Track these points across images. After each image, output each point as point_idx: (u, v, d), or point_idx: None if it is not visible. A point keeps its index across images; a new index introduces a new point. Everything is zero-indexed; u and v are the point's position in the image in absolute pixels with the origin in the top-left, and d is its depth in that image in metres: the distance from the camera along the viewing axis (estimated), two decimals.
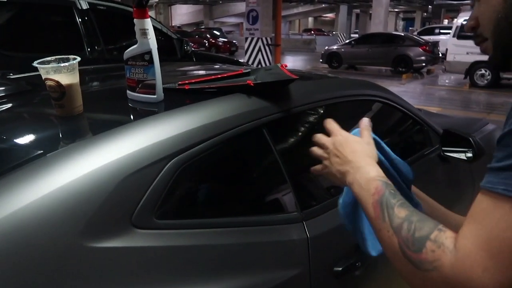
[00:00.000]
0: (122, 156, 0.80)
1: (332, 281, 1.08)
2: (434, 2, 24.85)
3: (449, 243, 0.46)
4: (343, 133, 0.74)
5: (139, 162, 0.81)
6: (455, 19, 10.05)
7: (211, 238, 0.89)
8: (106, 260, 0.74)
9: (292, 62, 16.30)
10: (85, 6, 3.21)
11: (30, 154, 0.76)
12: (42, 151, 0.77)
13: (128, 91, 1.12)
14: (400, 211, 0.54)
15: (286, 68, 1.26)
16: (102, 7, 3.40)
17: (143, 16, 1.01)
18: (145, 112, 1.04)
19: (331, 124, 0.76)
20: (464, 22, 9.24)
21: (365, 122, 0.77)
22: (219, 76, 1.23)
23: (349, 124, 1.53)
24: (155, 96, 1.07)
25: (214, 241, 0.89)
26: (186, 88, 1.17)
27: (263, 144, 1.09)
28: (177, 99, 1.11)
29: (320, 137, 0.76)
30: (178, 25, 31.49)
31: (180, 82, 1.20)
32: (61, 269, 0.70)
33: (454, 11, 26.28)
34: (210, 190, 1.01)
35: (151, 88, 1.07)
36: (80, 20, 3.14)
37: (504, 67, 0.60)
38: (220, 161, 1.02)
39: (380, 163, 0.70)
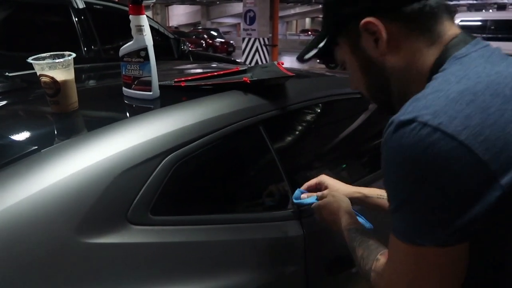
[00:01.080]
0: (118, 152, 0.80)
1: (328, 278, 1.08)
2: None
3: (381, 270, 0.66)
4: (325, 200, 0.96)
5: (134, 158, 0.81)
6: None
7: (206, 235, 0.89)
8: (102, 256, 0.74)
9: (290, 62, 16.14)
10: (81, 5, 3.20)
11: (25, 150, 0.75)
12: (36, 147, 0.76)
13: (124, 88, 1.11)
14: (358, 251, 0.76)
15: (283, 65, 1.26)
16: (98, 7, 3.39)
17: (139, 12, 1.01)
18: (140, 109, 1.04)
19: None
20: (461, 23, 9.29)
21: (324, 192, 1.00)
22: (215, 73, 1.23)
23: (346, 122, 1.54)
24: (151, 93, 1.07)
25: (209, 238, 0.89)
26: (182, 85, 1.16)
27: (259, 141, 1.09)
28: (173, 96, 1.11)
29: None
30: (175, 26, 31.46)
31: (176, 79, 1.19)
32: (56, 265, 0.69)
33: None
34: (206, 186, 1.01)
35: (147, 85, 1.07)
36: (76, 19, 3.13)
37: (393, 112, 0.68)
38: (216, 158, 1.02)
39: None
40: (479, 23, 9.19)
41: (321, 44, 0.71)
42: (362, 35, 0.64)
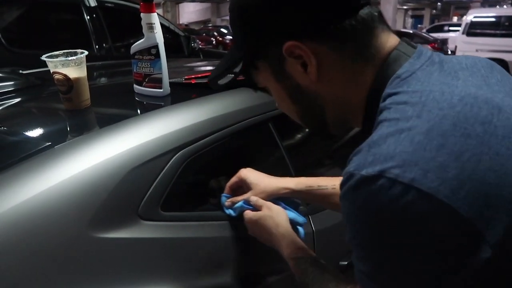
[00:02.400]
0: (129, 149, 0.81)
1: None
2: None
3: None
4: (258, 213, 0.86)
5: (145, 155, 0.82)
6: (465, 16, 9.94)
7: (216, 231, 0.90)
8: (113, 250, 0.75)
9: None
10: (93, 3, 3.23)
11: (39, 146, 0.77)
12: (50, 143, 0.78)
13: (135, 85, 1.13)
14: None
15: None
16: (110, 5, 3.43)
17: (150, 10, 1.02)
18: (151, 106, 1.05)
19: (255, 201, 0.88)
20: (474, 19, 9.09)
21: (253, 200, 0.88)
22: None
23: None
24: (161, 90, 1.08)
25: (219, 234, 0.90)
26: (193, 82, 1.17)
27: (269, 138, 1.09)
28: (183, 93, 1.12)
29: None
30: (185, 23, 31.54)
31: (186, 77, 1.20)
32: (69, 259, 0.71)
33: (464, 8, 26.00)
34: (215, 183, 1.02)
35: (158, 82, 1.08)
36: (88, 17, 3.17)
37: (329, 137, 0.63)
38: (226, 154, 1.02)
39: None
40: (493, 19, 9.03)
41: (237, 69, 0.60)
42: (286, 60, 0.54)
